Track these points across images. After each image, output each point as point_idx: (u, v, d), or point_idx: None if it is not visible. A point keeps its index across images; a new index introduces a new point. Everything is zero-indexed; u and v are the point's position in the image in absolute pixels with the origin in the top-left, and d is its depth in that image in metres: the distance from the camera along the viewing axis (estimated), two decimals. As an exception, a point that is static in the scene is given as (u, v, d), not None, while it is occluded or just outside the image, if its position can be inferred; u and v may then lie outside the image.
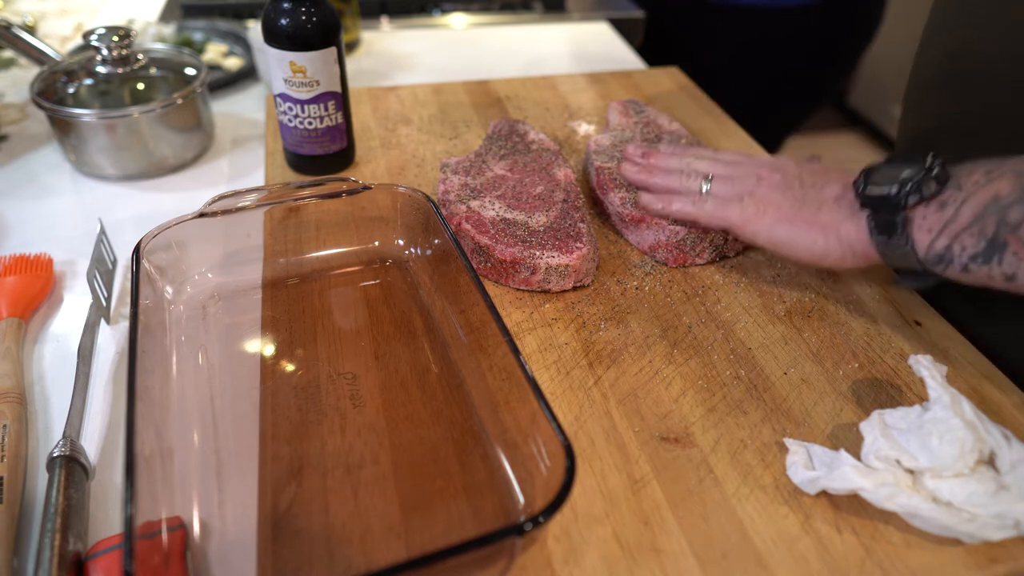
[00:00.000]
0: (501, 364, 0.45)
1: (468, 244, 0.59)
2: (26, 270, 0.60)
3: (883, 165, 0.50)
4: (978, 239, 0.45)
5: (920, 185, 0.47)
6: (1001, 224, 0.43)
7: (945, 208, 0.46)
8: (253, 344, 0.53)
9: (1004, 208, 0.43)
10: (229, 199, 0.54)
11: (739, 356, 0.53)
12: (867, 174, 0.50)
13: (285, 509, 0.42)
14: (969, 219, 0.45)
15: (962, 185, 0.46)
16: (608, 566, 0.40)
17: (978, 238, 0.45)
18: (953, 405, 0.42)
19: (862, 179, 0.50)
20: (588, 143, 0.72)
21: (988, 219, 0.44)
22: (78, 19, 1.16)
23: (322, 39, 0.64)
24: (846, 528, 0.42)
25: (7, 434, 0.45)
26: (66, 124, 0.72)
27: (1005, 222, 0.43)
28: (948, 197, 0.46)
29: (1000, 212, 0.43)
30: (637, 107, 0.78)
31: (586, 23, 1.22)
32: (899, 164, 0.49)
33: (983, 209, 0.44)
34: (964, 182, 0.46)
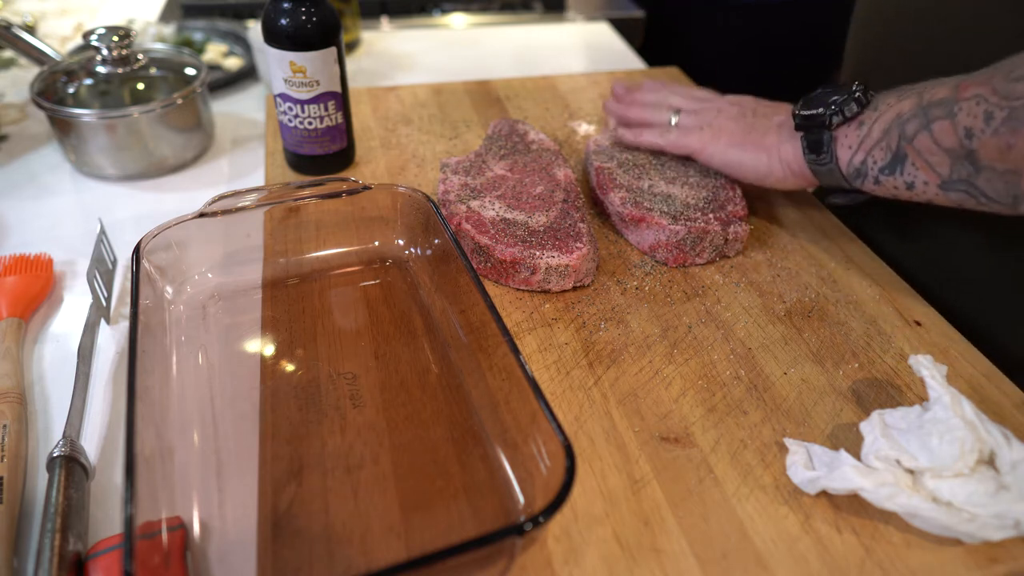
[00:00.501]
0: (501, 364, 0.45)
1: (468, 244, 0.59)
2: (26, 270, 0.60)
3: (818, 92, 0.56)
4: (885, 152, 0.51)
5: (843, 107, 0.54)
6: (901, 137, 0.50)
7: (862, 127, 0.53)
8: (253, 344, 0.53)
9: (903, 123, 0.50)
10: (229, 199, 0.54)
11: (739, 356, 0.53)
12: (804, 100, 0.57)
13: (285, 509, 0.42)
14: (879, 135, 0.52)
15: (877, 107, 0.53)
16: (608, 566, 0.40)
17: (885, 151, 0.51)
18: (953, 405, 0.42)
19: (799, 105, 0.57)
20: (588, 143, 0.72)
21: (892, 133, 0.51)
22: (78, 19, 1.16)
23: (322, 39, 0.64)
24: (846, 528, 0.42)
25: (7, 434, 0.45)
26: (66, 124, 0.72)
27: (904, 135, 0.50)
28: (865, 117, 0.53)
29: (900, 126, 0.50)
30: None
31: (586, 23, 1.22)
32: (831, 90, 0.56)
33: (889, 124, 0.51)
34: (879, 104, 0.53)
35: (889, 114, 0.51)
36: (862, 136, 0.53)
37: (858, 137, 0.53)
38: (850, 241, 0.65)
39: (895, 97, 0.52)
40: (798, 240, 0.65)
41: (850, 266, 0.62)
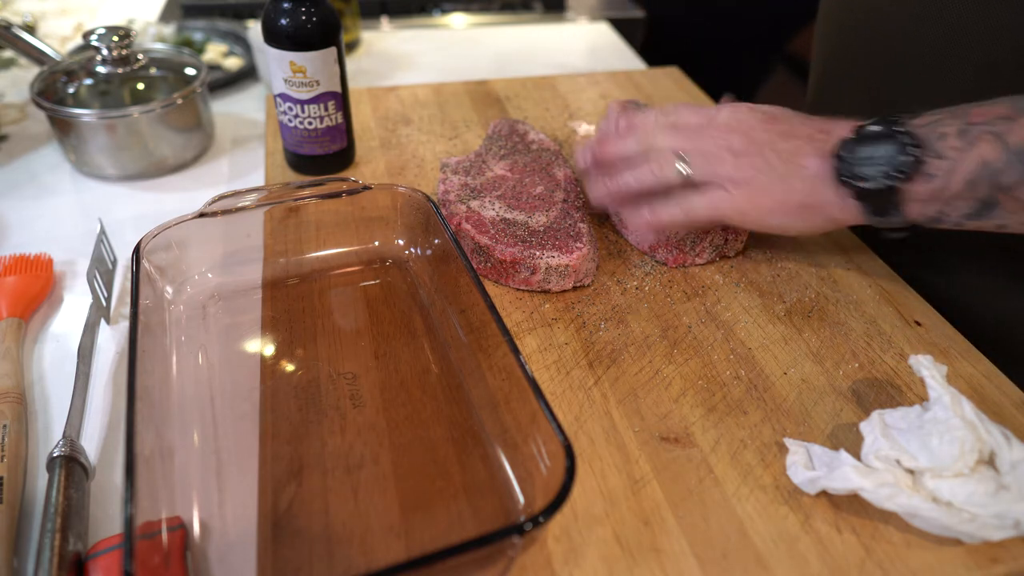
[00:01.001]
0: (501, 364, 0.45)
1: (468, 244, 0.59)
2: (26, 270, 0.60)
3: (854, 144, 0.49)
4: (970, 202, 0.47)
5: (899, 168, 0.48)
6: (994, 188, 0.46)
7: (933, 180, 0.47)
8: (253, 344, 0.53)
9: (996, 173, 0.45)
10: (229, 199, 0.54)
11: (739, 356, 0.53)
12: (843, 160, 0.50)
13: (285, 509, 0.42)
14: (961, 187, 0.47)
15: (942, 153, 0.47)
16: (608, 566, 0.40)
17: (970, 201, 0.47)
18: (953, 405, 0.42)
19: (839, 164, 0.50)
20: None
21: (980, 185, 0.46)
22: (78, 19, 1.16)
23: (322, 39, 0.64)
24: (846, 528, 0.42)
25: (7, 434, 0.45)
26: (66, 124, 0.72)
27: (999, 186, 0.45)
28: (932, 168, 0.47)
29: (992, 177, 0.45)
30: (637, 107, 0.78)
31: (586, 23, 1.22)
32: (869, 143, 0.49)
33: (974, 176, 0.46)
34: (942, 149, 0.47)
35: (968, 163, 0.46)
36: (936, 190, 0.47)
37: (930, 191, 0.47)
38: (850, 241, 0.65)
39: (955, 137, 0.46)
40: (798, 240, 0.65)
41: (850, 266, 0.62)
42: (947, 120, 0.47)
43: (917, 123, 0.48)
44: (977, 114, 0.46)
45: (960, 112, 0.47)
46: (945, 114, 0.47)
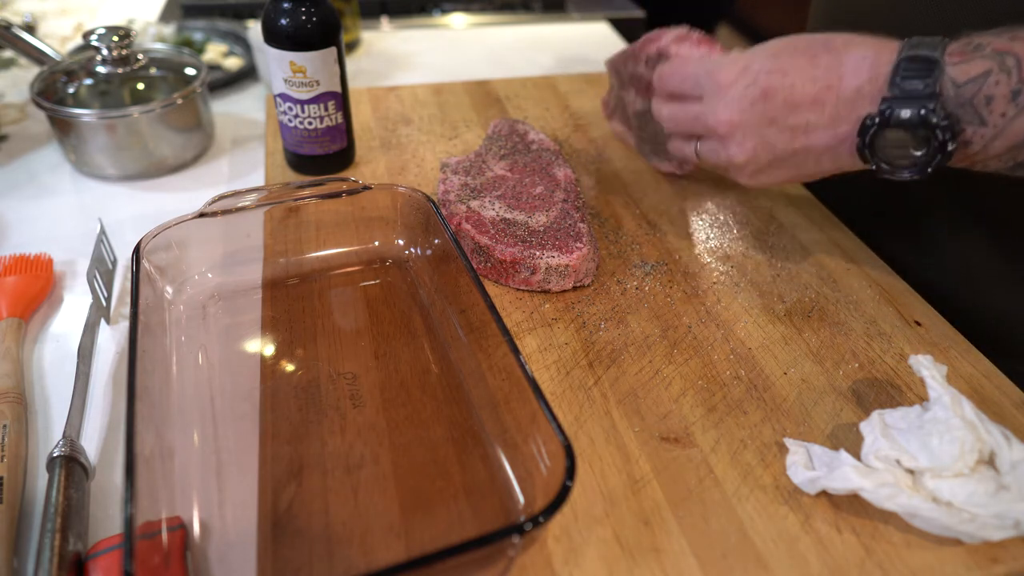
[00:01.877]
0: (501, 364, 0.45)
1: (468, 244, 0.59)
2: (26, 270, 0.60)
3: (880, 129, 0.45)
4: (1006, 162, 0.44)
5: (938, 159, 0.44)
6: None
7: (971, 145, 0.44)
8: (253, 344, 0.53)
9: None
10: (229, 199, 0.54)
11: (739, 356, 0.53)
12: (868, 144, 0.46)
13: (285, 509, 0.42)
14: (1001, 151, 0.44)
15: (986, 120, 0.43)
16: (608, 566, 0.40)
17: (1007, 161, 0.44)
18: (953, 405, 0.42)
19: (863, 146, 0.46)
20: None
21: (1022, 150, 0.43)
22: (78, 19, 1.16)
23: (322, 39, 0.64)
24: (846, 528, 0.42)
25: (7, 434, 0.45)
26: (66, 124, 0.72)
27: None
28: (973, 135, 0.44)
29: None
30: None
31: (586, 23, 1.22)
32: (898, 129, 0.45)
33: (1020, 141, 0.43)
34: (987, 115, 0.43)
35: (1016, 131, 0.42)
36: (972, 154, 0.45)
37: (965, 155, 0.45)
38: (850, 241, 0.65)
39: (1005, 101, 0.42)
40: (798, 240, 0.65)
41: (850, 266, 0.62)
42: (996, 75, 0.42)
43: (958, 77, 0.43)
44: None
45: (1012, 60, 0.42)
46: (994, 62, 0.42)
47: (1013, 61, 0.42)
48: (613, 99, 0.77)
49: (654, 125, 0.69)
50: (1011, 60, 0.42)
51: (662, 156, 0.72)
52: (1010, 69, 0.42)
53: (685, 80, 0.54)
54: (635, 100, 0.71)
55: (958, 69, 0.43)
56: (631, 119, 0.74)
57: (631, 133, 0.76)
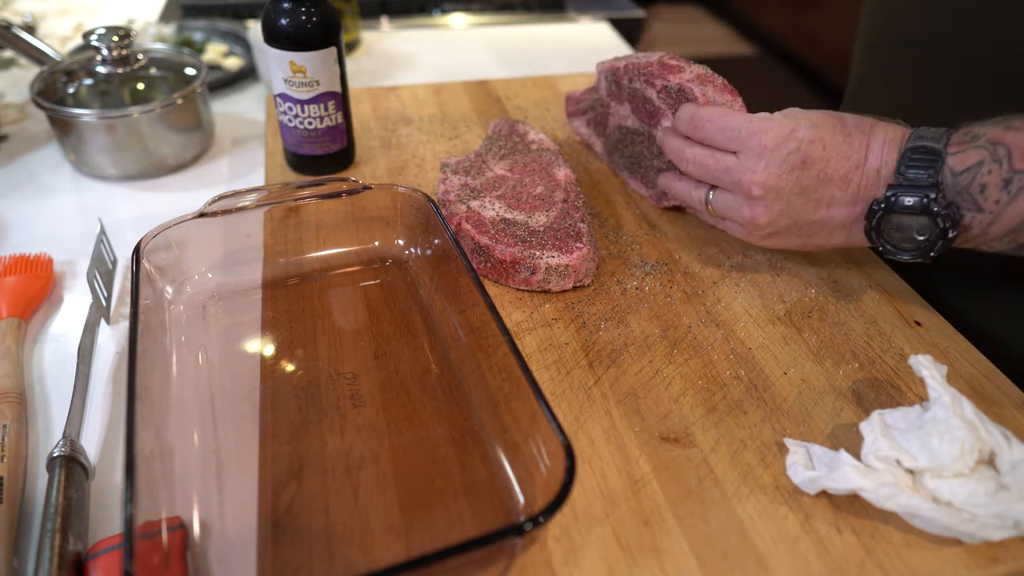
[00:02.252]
0: (501, 364, 0.45)
1: (468, 244, 0.59)
2: (26, 270, 0.60)
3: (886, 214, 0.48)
4: (1008, 244, 0.47)
5: (936, 246, 0.47)
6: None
7: (971, 230, 0.47)
8: (253, 344, 0.53)
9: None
10: (229, 199, 0.54)
11: (739, 356, 0.53)
12: (875, 227, 0.49)
13: (285, 509, 0.42)
14: (1000, 234, 0.46)
15: (983, 206, 0.46)
16: (608, 566, 0.40)
17: (1009, 243, 0.47)
18: (953, 405, 0.42)
19: (871, 229, 0.50)
20: None
21: (1021, 233, 0.45)
22: (78, 19, 1.16)
23: (322, 39, 0.64)
24: (846, 528, 0.42)
25: (7, 434, 0.45)
26: (66, 124, 0.72)
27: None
28: (971, 220, 0.46)
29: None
30: None
31: (586, 23, 1.22)
32: (903, 214, 0.48)
33: (1017, 226, 0.45)
34: (982, 202, 0.45)
35: (1010, 215, 0.45)
36: (972, 237, 0.48)
37: (967, 239, 0.48)
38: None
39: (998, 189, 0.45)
40: (798, 240, 0.65)
41: (850, 266, 0.62)
42: (989, 165, 0.45)
43: (955, 166, 0.46)
44: (1022, 156, 0.44)
45: (1003, 150, 0.45)
46: (987, 152, 0.45)
47: (1004, 151, 0.45)
48: (589, 101, 0.76)
49: (640, 148, 0.68)
50: (1002, 150, 0.45)
51: (637, 177, 0.70)
52: (1001, 159, 0.45)
53: (724, 131, 0.54)
54: (627, 116, 0.69)
55: (956, 159, 0.46)
56: (609, 130, 0.73)
57: (599, 140, 0.75)
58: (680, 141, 0.58)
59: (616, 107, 0.71)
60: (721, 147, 0.54)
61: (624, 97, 0.69)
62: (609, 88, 0.71)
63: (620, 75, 0.67)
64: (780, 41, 3.29)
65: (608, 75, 0.70)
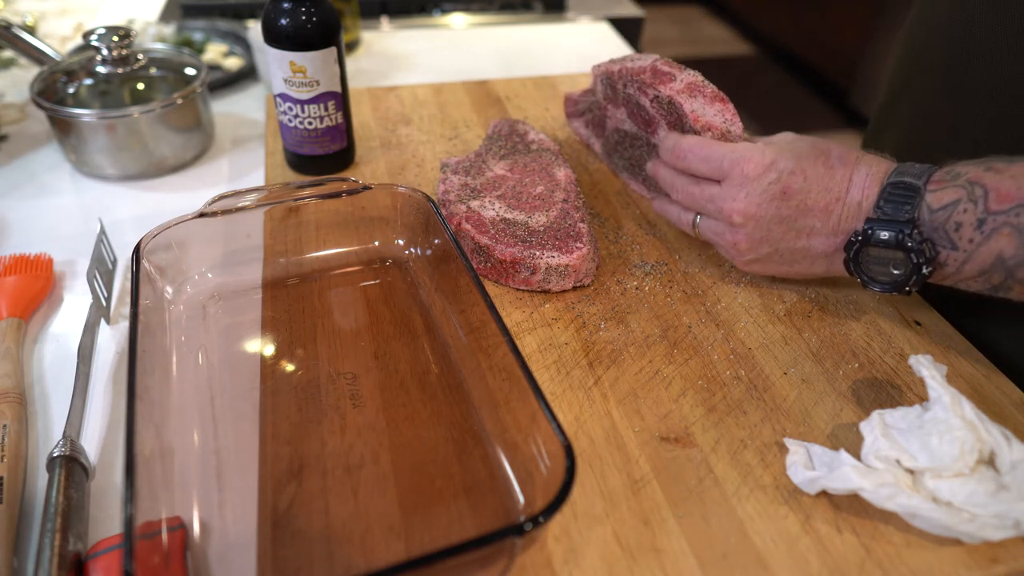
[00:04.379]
0: (501, 364, 0.45)
1: (468, 244, 0.59)
2: (26, 270, 0.60)
3: (863, 246, 0.49)
4: (983, 284, 0.47)
5: (911, 279, 0.48)
6: (1009, 278, 0.45)
7: (946, 267, 0.48)
8: (253, 344, 0.53)
9: (1011, 268, 0.45)
10: (229, 199, 0.54)
11: (739, 356, 0.53)
12: (852, 258, 0.50)
13: (285, 509, 0.42)
14: (974, 273, 0.47)
15: (957, 244, 0.46)
16: (608, 566, 0.40)
17: (983, 284, 0.47)
18: (953, 405, 0.42)
19: (849, 260, 0.50)
20: None
21: (994, 274, 0.46)
22: (78, 19, 1.16)
23: (322, 39, 0.64)
24: (846, 528, 0.42)
25: (7, 434, 0.45)
26: (66, 124, 0.72)
27: (1013, 277, 0.45)
28: (946, 258, 0.47)
29: (1007, 271, 0.45)
30: None
31: (586, 23, 1.22)
32: (879, 247, 0.48)
33: (989, 267, 0.46)
34: (957, 240, 0.46)
35: (983, 255, 0.45)
36: (948, 274, 0.48)
37: (942, 275, 0.48)
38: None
39: (972, 229, 0.45)
40: (798, 240, 0.65)
41: (850, 266, 0.62)
42: (965, 204, 0.45)
43: (933, 203, 0.46)
44: (998, 197, 0.44)
45: (980, 191, 0.45)
46: (964, 191, 0.46)
47: (981, 191, 0.45)
48: (587, 103, 0.76)
49: (639, 151, 0.68)
50: (979, 190, 0.45)
51: (638, 180, 0.70)
52: (977, 199, 0.45)
53: (706, 161, 0.55)
54: (624, 120, 0.69)
55: (934, 196, 0.47)
56: (608, 132, 0.73)
57: (598, 141, 0.76)
58: (669, 171, 0.59)
59: (613, 111, 0.71)
60: (705, 176, 0.55)
61: (620, 101, 0.68)
62: (605, 92, 0.71)
63: (615, 80, 0.67)
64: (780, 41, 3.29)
65: (604, 79, 0.70)
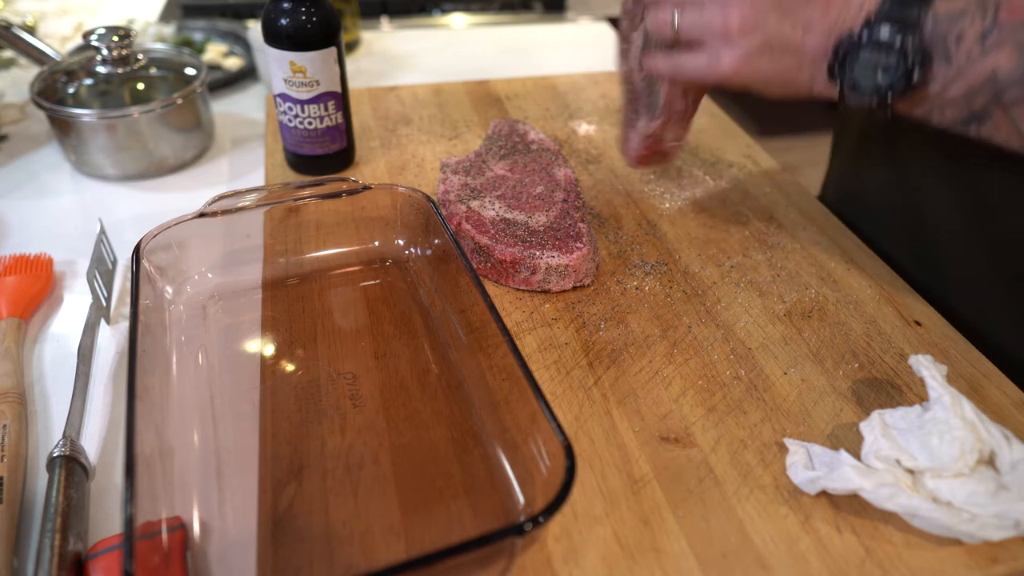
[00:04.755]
0: (501, 364, 0.45)
1: (468, 244, 0.59)
2: (26, 270, 0.60)
3: (857, 48, 0.45)
4: (963, 110, 0.44)
5: (900, 87, 0.44)
6: (993, 102, 0.42)
7: (931, 84, 0.44)
8: (253, 344, 0.53)
9: (1000, 88, 0.42)
10: (229, 199, 0.54)
11: (739, 356, 0.53)
12: (840, 61, 0.45)
13: (285, 509, 0.42)
14: (958, 95, 0.43)
15: (951, 56, 0.43)
16: (608, 566, 0.40)
17: (963, 109, 0.44)
18: (953, 405, 0.42)
19: (835, 63, 0.46)
20: None
21: (981, 95, 0.43)
22: (78, 19, 1.16)
23: (322, 39, 0.64)
24: (846, 528, 0.42)
25: (7, 434, 0.45)
26: (66, 124, 0.72)
27: (999, 100, 0.42)
28: (936, 72, 0.43)
29: (996, 91, 0.42)
30: None
31: (586, 23, 1.22)
32: (875, 50, 0.44)
33: (978, 87, 0.43)
34: (953, 52, 0.43)
35: (976, 72, 0.42)
36: (931, 94, 0.44)
37: (924, 95, 0.45)
38: (850, 241, 0.65)
39: (974, 41, 0.42)
40: (798, 240, 0.65)
41: (850, 266, 0.62)
42: (973, 14, 0.42)
43: (940, 10, 0.43)
44: (1011, 8, 0.41)
45: (992, 1, 0.42)
46: (976, 1, 0.42)
47: (993, 2, 0.42)
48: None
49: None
50: (991, 1, 0.42)
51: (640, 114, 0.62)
52: (986, 9, 0.42)
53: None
54: None
55: (943, 4, 0.43)
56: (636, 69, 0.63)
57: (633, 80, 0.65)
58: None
59: None
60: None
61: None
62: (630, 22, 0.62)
63: None
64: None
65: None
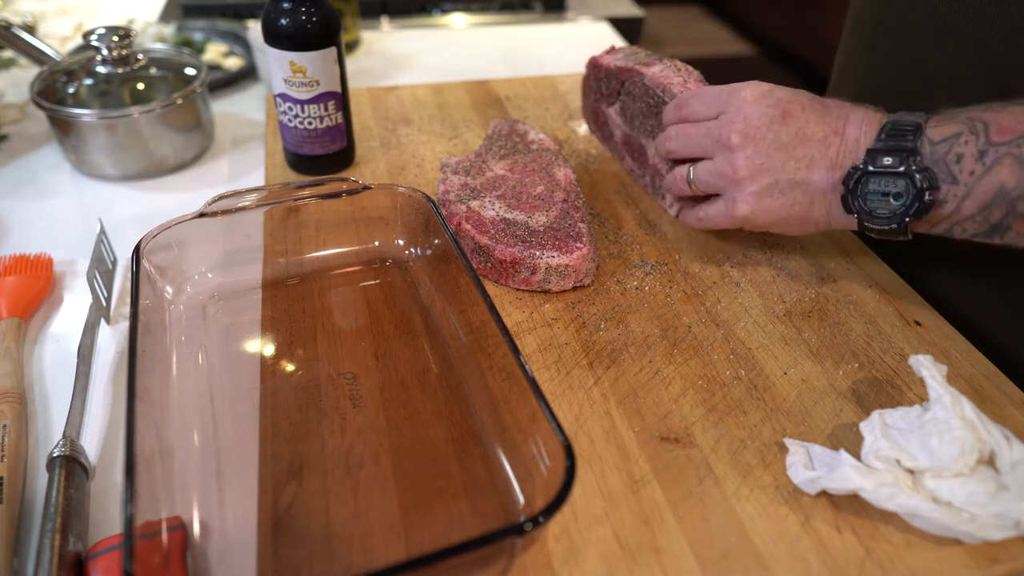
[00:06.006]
0: (501, 364, 0.45)
1: (468, 244, 0.59)
2: (26, 270, 0.60)
3: (865, 177, 0.49)
4: (981, 224, 0.47)
5: (912, 210, 0.47)
6: (1009, 214, 0.45)
7: (945, 205, 0.47)
8: (253, 344, 0.53)
9: (1012, 201, 0.44)
10: (229, 199, 0.54)
11: (739, 356, 0.53)
12: (852, 191, 0.50)
13: (285, 509, 0.42)
14: (973, 211, 0.46)
15: (957, 178, 0.46)
16: (608, 566, 0.40)
17: (981, 224, 0.47)
18: (953, 405, 0.42)
19: (847, 194, 0.50)
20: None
21: (994, 210, 0.45)
22: (78, 19, 1.16)
23: (322, 39, 0.64)
24: (846, 528, 0.42)
25: (7, 434, 0.45)
26: (66, 124, 0.72)
27: (1014, 212, 0.45)
28: (946, 193, 0.47)
29: (1008, 204, 0.45)
30: None
31: (586, 23, 1.22)
32: (881, 177, 0.48)
33: (989, 202, 0.45)
34: (957, 173, 0.46)
35: (984, 188, 0.45)
36: (947, 214, 0.47)
37: (941, 216, 0.48)
38: (850, 241, 0.65)
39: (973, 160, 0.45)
40: (798, 240, 0.65)
41: (850, 266, 0.62)
42: (966, 136, 0.45)
43: (934, 136, 0.47)
44: (999, 130, 0.44)
45: (980, 124, 0.45)
46: (965, 125, 0.46)
47: (982, 125, 0.45)
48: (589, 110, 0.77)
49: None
50: (980, 124, 0.45)
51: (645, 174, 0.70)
52: (978, 131, 0.45)
53: (705, 99, 0.56)
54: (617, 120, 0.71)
55: (934, 130, 0.47)
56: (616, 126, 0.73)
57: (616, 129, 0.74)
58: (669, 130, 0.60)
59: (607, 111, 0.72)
60: (705, 118, 0.56)
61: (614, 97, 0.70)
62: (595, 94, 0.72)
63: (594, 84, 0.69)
64: (780, 41, 3.29)
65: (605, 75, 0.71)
